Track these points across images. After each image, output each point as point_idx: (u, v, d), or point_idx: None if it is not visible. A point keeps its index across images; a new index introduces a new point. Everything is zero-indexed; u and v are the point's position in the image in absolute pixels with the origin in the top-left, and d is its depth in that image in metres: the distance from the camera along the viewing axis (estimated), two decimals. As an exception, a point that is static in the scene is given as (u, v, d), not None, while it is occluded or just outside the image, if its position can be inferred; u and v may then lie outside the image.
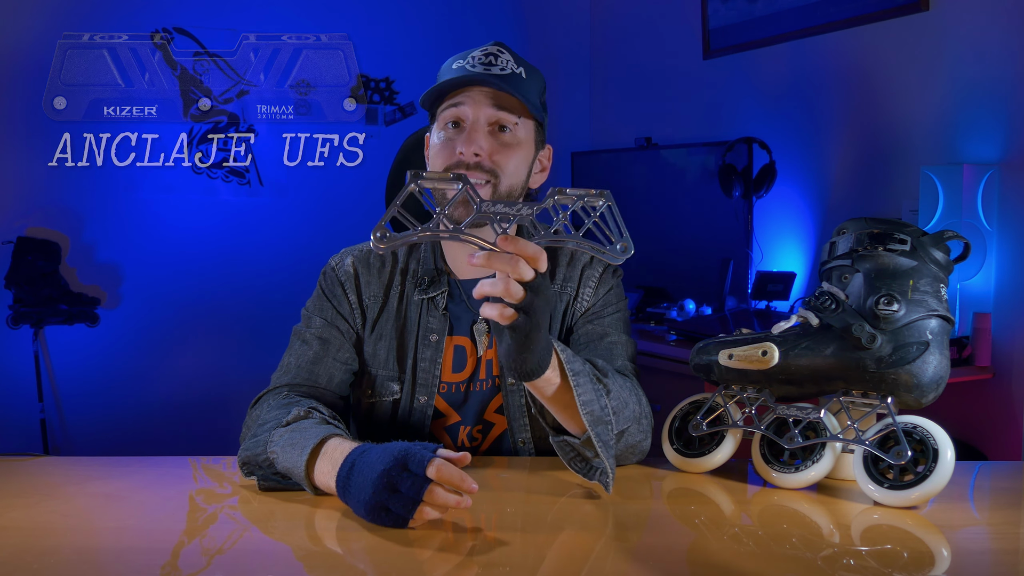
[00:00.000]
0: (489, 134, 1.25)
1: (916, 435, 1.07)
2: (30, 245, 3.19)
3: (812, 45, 2.84)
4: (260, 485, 1.13)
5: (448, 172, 1.00)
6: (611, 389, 1.14)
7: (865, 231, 1.12)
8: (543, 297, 0.98)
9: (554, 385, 1.08)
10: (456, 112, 1.25)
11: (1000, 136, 2.30)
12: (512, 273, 0.96)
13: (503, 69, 1.25)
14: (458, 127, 1.26)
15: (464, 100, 1.25)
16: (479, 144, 1.23)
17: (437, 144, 1.28)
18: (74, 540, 0.97)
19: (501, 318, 0.97)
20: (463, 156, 1.23)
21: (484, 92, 1.24)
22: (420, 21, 3.74)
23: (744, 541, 0.98)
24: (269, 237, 3.56)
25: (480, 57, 1.26)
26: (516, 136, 1.26)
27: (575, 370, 1.09)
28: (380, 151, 3.59)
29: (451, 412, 1.31)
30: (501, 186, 1.25)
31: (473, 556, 0.93)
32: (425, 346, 1.30)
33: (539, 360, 1.02)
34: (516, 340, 0.99)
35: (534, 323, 0.98)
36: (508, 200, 1.26)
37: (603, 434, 1.08)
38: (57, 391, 3.33)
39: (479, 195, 1.01)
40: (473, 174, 1.22)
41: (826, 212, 2.82)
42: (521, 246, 0.96)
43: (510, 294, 0.96)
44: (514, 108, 1.25)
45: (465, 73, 1.24)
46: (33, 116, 3.25)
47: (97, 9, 3.30)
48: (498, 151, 1.25)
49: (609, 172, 3.54)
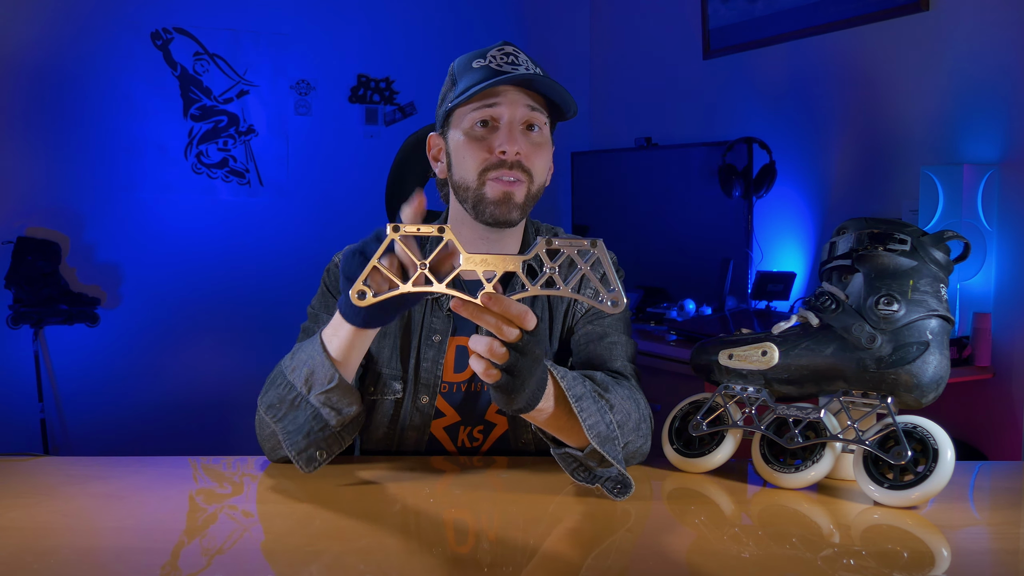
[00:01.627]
0: (521, 134, 1.24)
1: (916, 435, 1.07)
2: (30, 245, 3.19)
3: (812, 45, 2.84)
4: (308, 456, 1.14)
5: (433, 225, 0.94)
6: (614, 404, 1.13)
7: (865, 231, 1.12)
8: (530, 357, 0.95)
9: (547, 413, 1.07)
10: (490, 112, 1.23)
11: (1000, 136, 2.30)
12: (496, 333, 0.93)
13: (528, 69, 1.24)
14: (487, 126, 1.24)
15: (500, 100, 1.23)
16: (519, 143, 1.23)
17: (464, 144, 1.25)
18: (74, 540, 0.97)
19: (485, 376, 0.95)
20: (505, 155, 1.22)
21: (519, 92, 1.24)
22: (420, 21, 3.74)
23: (744, 541, 0.97)
24: (269, 237, 3.57)
25: (501, 56, 1.25)
26: (544, 135, 1.27)
27: (577, 395, 1.08)
28: (380, 151, 3.59)
29: (452, 412, 1.31)
30: (534, 185, 1.26)
31: (474, 556, 0.93)
32: (428, 346, 1.30)
33: (528, 401, 1.01)
34: (500, 395, 0.98)
35: (518, 383, 0.96)
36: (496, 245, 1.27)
37: (611, 451, 1.08)
38: (57, 391, 3.33)
39: (461, 247, 0.95)
40: (513, 172, 1.22)
41: (826, 212, 2.82)
42: (505, 306, 0.92)
43: (494, 354, 0.94)
44: (544, 108, 1.26)
45: (494, 73, 1.23)
46: (33, 116, 3.25)
47: (97, 9, 3.30)
48: (531, 151, 1.24)
49: (609, 172, 3.54)
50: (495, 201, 1.23)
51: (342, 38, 3.65)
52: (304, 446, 1.15)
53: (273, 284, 3.53)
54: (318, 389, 1.13)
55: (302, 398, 1.14)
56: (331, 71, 3.64)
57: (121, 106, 3.36)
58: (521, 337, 0.94)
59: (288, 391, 1.15)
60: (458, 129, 1.26)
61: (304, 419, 1.14)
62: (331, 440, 1.16)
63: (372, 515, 1.05)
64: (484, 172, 1.23)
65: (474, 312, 0.94)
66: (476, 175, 1.24)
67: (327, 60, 3.63)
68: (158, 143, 3.43)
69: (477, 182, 1.24)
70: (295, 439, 1.15)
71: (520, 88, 1.24)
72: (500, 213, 1.23)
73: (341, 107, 3.67)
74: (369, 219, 3.13)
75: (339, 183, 3.63)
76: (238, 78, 3.51)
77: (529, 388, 0.98)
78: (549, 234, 1.38)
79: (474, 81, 1.23)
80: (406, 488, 1.15)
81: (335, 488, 1.14)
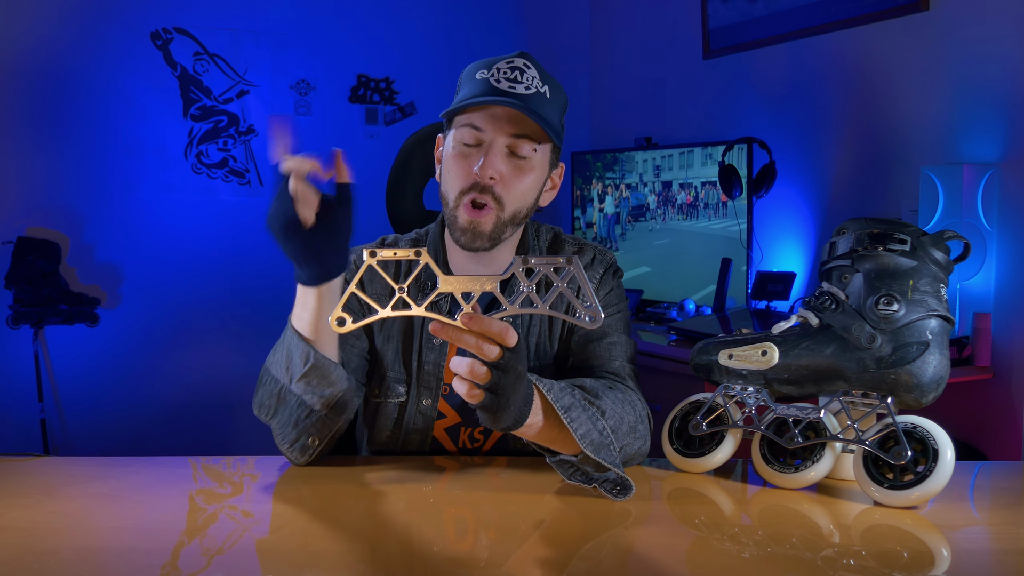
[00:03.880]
0: (506, 157, 1.23)
1: (916, 435, 1.07)
2: (30, 245, 3.19)
3: (812, 45, 2.84)
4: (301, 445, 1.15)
5: (410, 249, 0.95)
6: (605, 409, 1.13)
7: (865, 231, 1.12)
8: (512, 374, 0.95)
9: (537, 427, 1.07)
10: (474, 133, 1.22)
11: (1000, 136, 2.30)
12: (477, 353, 0.93)
13: (528, 88, 1.22)
14: (475, 145, 1.23)
15: (484, 123, 1.22)
16: (497, 168, 1.21)
17: (451, 156, 1.25)
18: (74, 540, 0.97)
19: (469, 397, 0.96)
20: (478, 178, 1.21)
21: (506, 113, 1.21)
22: (420, 21, 3.74)
23: (744, 541, 0.97)
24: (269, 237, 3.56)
25: (506, 71, 1.23)
26: (531, 162, 1.24)
27: (565, 405, 1.07)
28: (380, 151, 3.59)
29: (453, 414, 1.31)
30: (504, 213, 1.23)
31: (474, 556, 0.93)
32: (429, 349, 1.30)
33: (515, 419, 1.01)
34: (486, 414, 0.98)
35: (502, 402, 0.96)
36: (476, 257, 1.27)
37: (607, 457, 1.08)
38: (57, 391, 3.33)
39: (439, 270, 0.96)
40: (484, 196, 1.21)
41: (826, 212, 2.82)
42: (485, 325, 0.93)
43: (476, 375, 0.94)
44: (533, 133, 1.23)
45: (489, 90, 1.21)
46: (33, 116, 3.25)
47: (97, 9, 3.30)
48: (512, 176, 1.23)
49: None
50: (462, 229, 1.23)
51: (342, 38, 3.65)
52: (295, 437, 1.15)
53: (273, 284, 3.52)
54: (297, 374, 1.13)
55: (286, 389, 1.15)
56: (331, 71, 3.64)
57: (121, 106, 3.36)
58: (502, 355, 0.94)
59: (274, 386, 1.16)
60: (452, 138, 1.26)
61: (291, 409, 1.15)
62: (320, 425, 1.16)
63: (372, 515, 1.06)
64: (461, 194, 1.23)
65: (454, 334, 0.94)
66: (455, 195, 1.24)
67: (327, 60, 3.63)
68: (158, 143, 3.43)
69: (454, 202, 1.24)
70: (286, 432, 1.15)
71: (510, 109, 1.21)
72: (466, 241, 1.23)
73: (341, 107, 3.67)
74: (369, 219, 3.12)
75: (339, 183, 3.62)
76: (238, 78, 3.51)
77: (515, 405, 0.98)
78: (548, 235, 1.39)
79: (469, 94, 1.23)
80: (406, 488, 1.15)
81: (335, 488, 1.14)
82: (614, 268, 1.37)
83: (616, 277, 1.37)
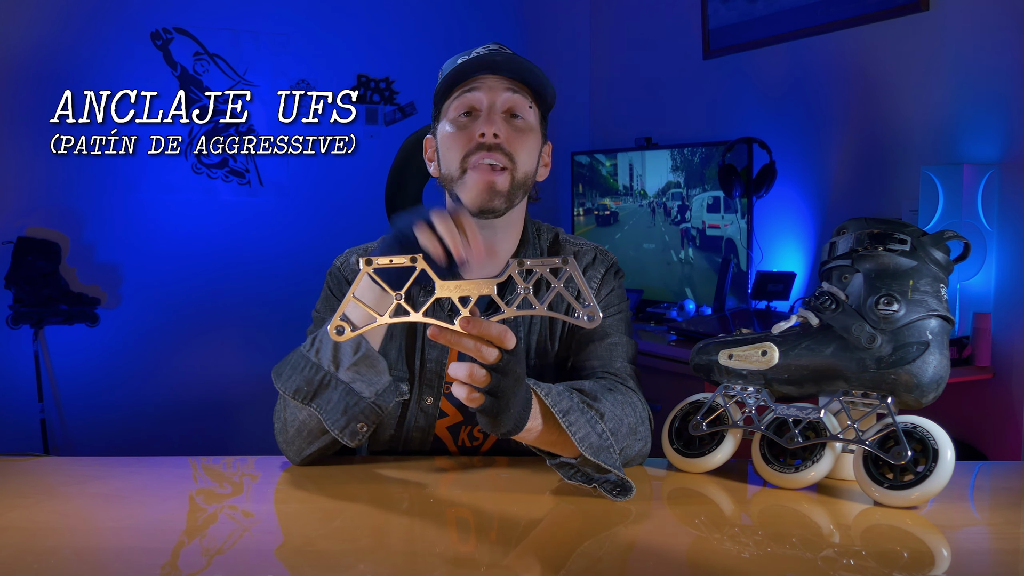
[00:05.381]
0: (503, 120, 1.24)
1: (916, 435, 1.07)
2: (30, 245, 3.19)
3: (812, 45, 2.84)
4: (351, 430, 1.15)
5: (405, 256, 0.95)
6: (605, 412, 1.13)
7: (865, 231, 1.12)
8: (511, 376, 0.95)
9: (536, 432, 1.07)
10: (470, 99, 1.24)
11: (1000, 136, 2.30)
12: (476, 356, 0.93)
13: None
14: (470, 115, 1.25)
15: (478, 86, 1.24)
16: (499, 126, 1.22)
17: (448, 135, 1.25)
18: (74, 540, 0.97)
19: (468, 401, 0.96)
20: (484, 138, 1.22)
21: (497, 78, 1.24)
22: (420, 21, 3.74)
23: (744, 541, 0.97)
24: (269, 237, 3.56)
25: (484, 51, 1.26)
26: (528, 122, 1.26)
27: (563, 409, 1.07)
28: (380, 151, 3.58)
29: (454, 412, 1.31)
30: (518, 172, 1.24)
31: (474, 556, 0.93)
32: (431, 346, 1.30)
33: (516, 423, 1.01)
34: (486, 418, 0.98)
35: (502, 405, 0.96)
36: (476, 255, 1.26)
37: (607, 459, 1.08)
38: (57, 391, 3.33)
39: (437, 274, 0.96)
40: (494, 155, 1.22)
41: (826, 212, 2.82)
42: (484, 328, 0.93)
43: (475, 379, 0.94)
44: (527, 94, 1.26)
45: (479, 57, 1.23)
46: (33, 116, 3.25)
47: (97, 9, 3.30)
48: (513, 137, 1.24)
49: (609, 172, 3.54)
50: (479, 188, 1.22)
51: (342, 38, 3.64)
52: (344, 423, 1.15)
53: (273, 284, 3.53)
54: (346, 363, 1.13)
55: (331, 376, 1.14)
56: (331, 71, 3.64)
57: (121, 106, 3.36)
58: (501, 357, 0.94)
59: (315, 372, 1.15)
60: (444, 122, 1.27)
61: (338, 397, 1.14)
62: (368, 412, 1.15)
63: (372, 515, 1.06)
64: (466, 158, 1.23)
65: (452, 339, 0.94)
66: (459, 162, 1.24)
67: (327, 60, 3.63)
68: (158, 143, 3.42)
69: (459, 169, 1.24)
70: (334, 417, 1.14)
71: (501, 76, 1.24)
72: (483, 200, 1.21)
73: (340, 107, 3.66)
74: (369, 219, 3.13)
75: (339, 183, 3.63)
76: (238, 78, 3.51)
77: (514, 409, 0.98)
78: (549, 234, 1.38)
79: (459, 64, 1.25)
80: (406, 488, 1.15)
81: (335, 488, 1.14)
82: (615, 268, 1.37)
83: (617, 277, 1.36)
